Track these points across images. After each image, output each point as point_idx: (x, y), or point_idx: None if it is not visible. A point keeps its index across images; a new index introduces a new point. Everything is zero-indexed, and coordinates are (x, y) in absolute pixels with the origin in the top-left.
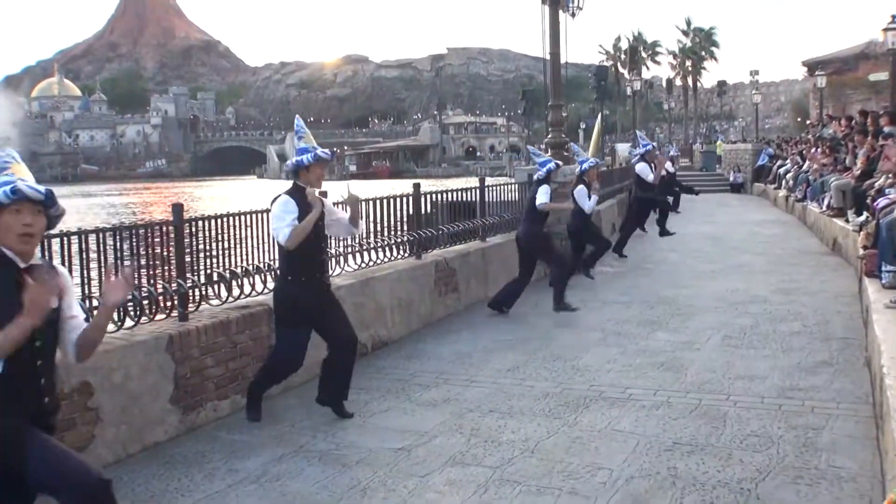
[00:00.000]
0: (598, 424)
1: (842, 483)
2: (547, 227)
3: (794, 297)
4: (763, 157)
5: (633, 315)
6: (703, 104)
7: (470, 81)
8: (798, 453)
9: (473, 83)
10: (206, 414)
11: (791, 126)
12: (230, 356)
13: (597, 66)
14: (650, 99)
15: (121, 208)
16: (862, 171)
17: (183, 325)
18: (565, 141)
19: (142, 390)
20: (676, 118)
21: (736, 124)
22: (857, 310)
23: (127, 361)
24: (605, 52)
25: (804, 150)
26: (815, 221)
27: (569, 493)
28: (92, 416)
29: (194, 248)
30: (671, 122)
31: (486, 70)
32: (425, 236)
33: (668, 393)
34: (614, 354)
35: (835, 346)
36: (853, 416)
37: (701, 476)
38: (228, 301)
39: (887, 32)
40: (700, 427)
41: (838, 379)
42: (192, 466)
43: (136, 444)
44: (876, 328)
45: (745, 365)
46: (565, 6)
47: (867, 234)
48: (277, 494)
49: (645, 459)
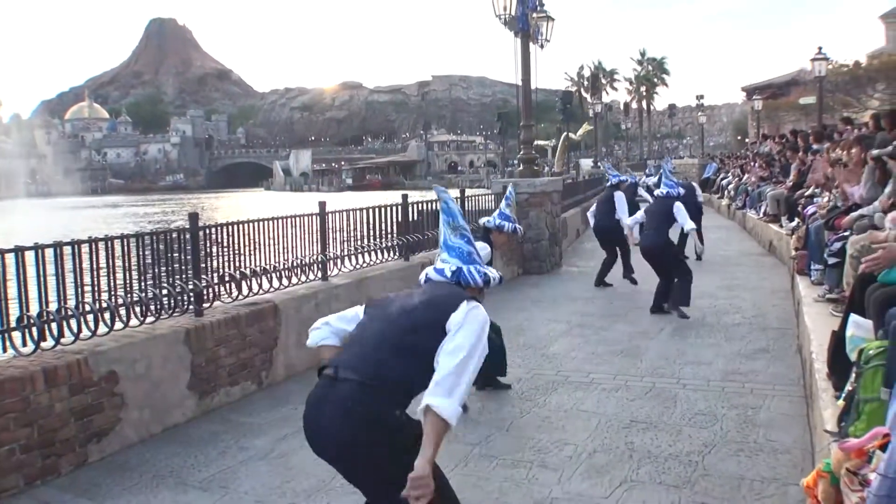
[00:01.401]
0: (564, 405)
1: (777, 455)
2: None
3: (736, 293)
4: (708, 170)
5: (596, 309)
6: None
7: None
8: (739, 429)
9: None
10: (220, 398)
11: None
12: (240, 347)
13: (563, 91)
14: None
15: (145, 217)
16: (794, 183)
17: (199, 320)
18: (535, 157)
19: (162, 378)
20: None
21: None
22: (791, 303)
23: (149, 352)
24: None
25: (744, 165)
26: (754, 227)
27: (539, 465)
28: (118, 401)
29: (208, 252)
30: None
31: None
32: (413, 241)
33: (626, 377)
34: (579, 343)
35: (771, 336)
36: (787, 397)
37: (654, 450)
38: (239, 299)
39: (815, 62)
40: (654, 407)
41: (774, 364)
42: (208, 445)
43: (158, 425)
44: (806, 319)
45: (693, 352)
46: (535, 38)
47: (798, 237)
48: (283, 469)
49: (606, 436)
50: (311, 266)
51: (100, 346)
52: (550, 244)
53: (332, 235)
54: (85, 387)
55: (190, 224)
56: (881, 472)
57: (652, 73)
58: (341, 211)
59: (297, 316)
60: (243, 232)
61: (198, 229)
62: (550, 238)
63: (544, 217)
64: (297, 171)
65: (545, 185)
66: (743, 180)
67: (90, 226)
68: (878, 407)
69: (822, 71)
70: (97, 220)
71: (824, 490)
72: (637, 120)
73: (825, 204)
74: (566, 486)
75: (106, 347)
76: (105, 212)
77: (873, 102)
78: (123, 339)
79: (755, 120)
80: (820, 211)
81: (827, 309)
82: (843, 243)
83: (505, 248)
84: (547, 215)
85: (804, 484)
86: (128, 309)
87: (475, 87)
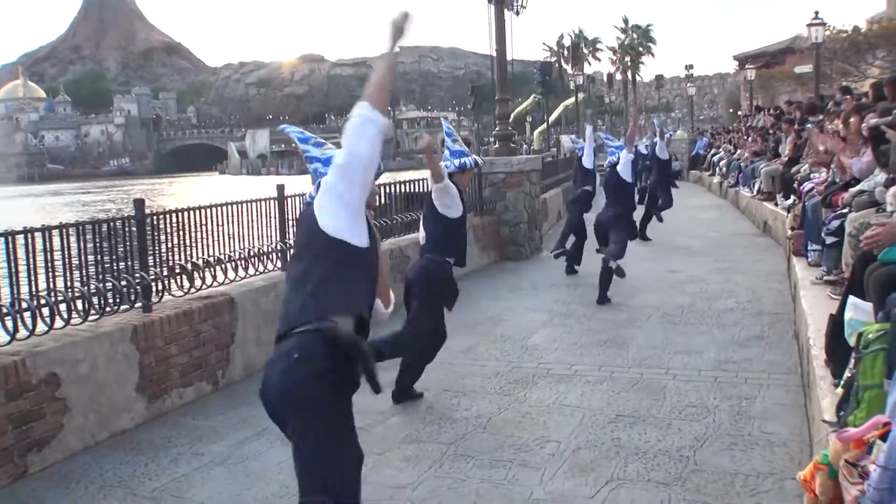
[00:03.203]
0: (546, 400)
1: (773, 448)
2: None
3: (728, 277)
4: (698, 145)
5: (579, 296)
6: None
7: (421, 78)
8: (733, 421)
9: (425, 80)
10: (172, 401)
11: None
12: (194, 345)
13: (541, 63)
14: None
15: (91, 206)
16: (789, 158)
17: (147, 316)
18: (512, 133)
19: (108, 380)
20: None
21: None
22: (787, 286)
23: (93, 352)
24: (549, 48)
25: (736, 140)
26: (747, 205)
27: (519, 464)
28: (60, 405)
29: (157, 242)
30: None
31: (436, 67)
32: (380, 226)
33: (611, 368)
34: (561, 334)
35: (766, 321)
36: (783, 386)
37: (643, 445)
38: (191, 292)
39: (811, 28)
40: (642, 399)
41: (769, 351)
42: (159, 451)
43: (104, 431)
44: (803, 303)
45: (683, 340)
46: (510, 5)
47: (794, 216)
48: (242, 475)
49: (590, 431)
50: (270, 255)
51: (39, 346)
52: (529, 227)
53: (293, 222)
54: (23, 391)
55: (136, 211)
56: (881, 464)
57: (637, 42)
58: (302, 195)
59: (256, 310)
60: (195, 219)
61: (144, 217)
62: (529, 221)
63: (522, 198)
64: (253, 152)
65: (523, 163)
66: (735, 156)
67: (29, 216)
68: (878, 394)
69: (818, 37)
70: (37, 210)
71: (822, 483)
72: (622, 92)
73: (824, 179)
74: (549, 486)
75: (45, 348)
76: (45, 201)
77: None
78: (65, 338)
79: (748, 91)
80: (818, 187)
81: (825, 291)
82: (842, 221)
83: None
84: (525, 196)
85: (801, 477)
86: (69, 305)
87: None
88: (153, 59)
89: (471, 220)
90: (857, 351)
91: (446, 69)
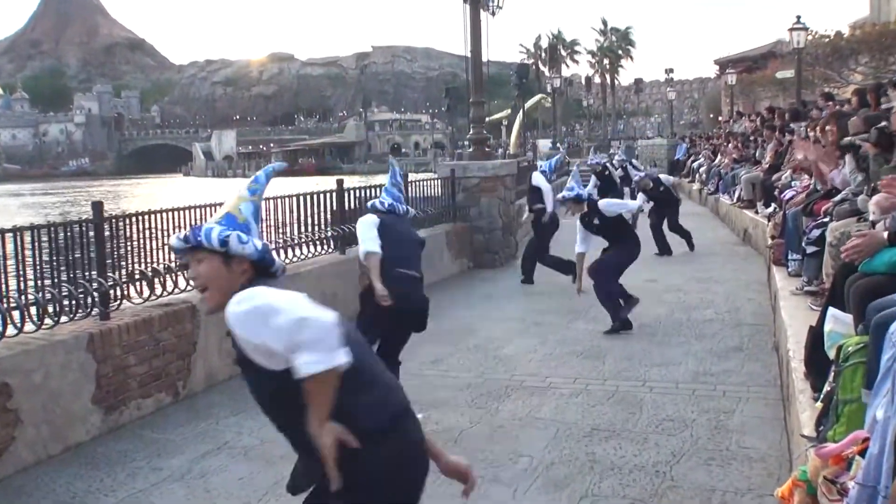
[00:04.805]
0: (519, 413)
1: (752, 463)
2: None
3: (707, 286)
4: (678, 151)
5: (554, 305)
6: (620, 101)
7: (395, 79)
8: (710, 436)
9: (398, 81)
10: (130, 412)
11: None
12: (153, 354)
13: (518, 64)
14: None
15: (51, 208)
16: (770, 165)
17: (104, 323)
18: (487, 137)
19: (62, 390)
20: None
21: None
22: (766, 297)
23: (47, 361)
24: (526, 50)
25: (716, 146)
26: (727, 213)
27: (491, 480)
28: (11, 417)
29: (116, 247)
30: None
31: (410, 68)
32: (349, 231)
33: (586, 381)
34: (535, 344)
35: (745, 332)
36: (762, 399)
37: (618, 460)
38: (151, 299)
39: (793, 32)
40: (617, 413)
41: (748, 363)
42: (116, 466)
43: (58, 444)
44: (783, 314)
45: (660, 352)
46: (485, 5)
47: (775, 224)
48: (202, 491)
49: (564, 446)
50: None
51: None
52: (504, 234)
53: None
54: None
55: (94, 214)
56: (859, 482)
57: (616, 45)
58: (269, 199)
59: (219, 318)
60: (156, 223)
61: (103, 220)
62: (504, 227)
63: (497, 204)
64: (220, 154)
65: (497, 168)
66: (715, 163)
67: None
68: (857, 408)
69: (800, 42)
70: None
71: (800, 501)
72: (601, 96)
73: (805, 186)
74: (521, 503)
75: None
76: (2, 202)
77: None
78: (17, 346)
79: (729, 96)
80: (798, 196)
81: (805, 302)
82: (823, 230)
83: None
84: (500, 202)
85: (779, 494)
86: (22, 312)
87: (420, 59)
88: (115, 55)
89: (443, 227)
90: (837, 364)
91: (420, 70)
